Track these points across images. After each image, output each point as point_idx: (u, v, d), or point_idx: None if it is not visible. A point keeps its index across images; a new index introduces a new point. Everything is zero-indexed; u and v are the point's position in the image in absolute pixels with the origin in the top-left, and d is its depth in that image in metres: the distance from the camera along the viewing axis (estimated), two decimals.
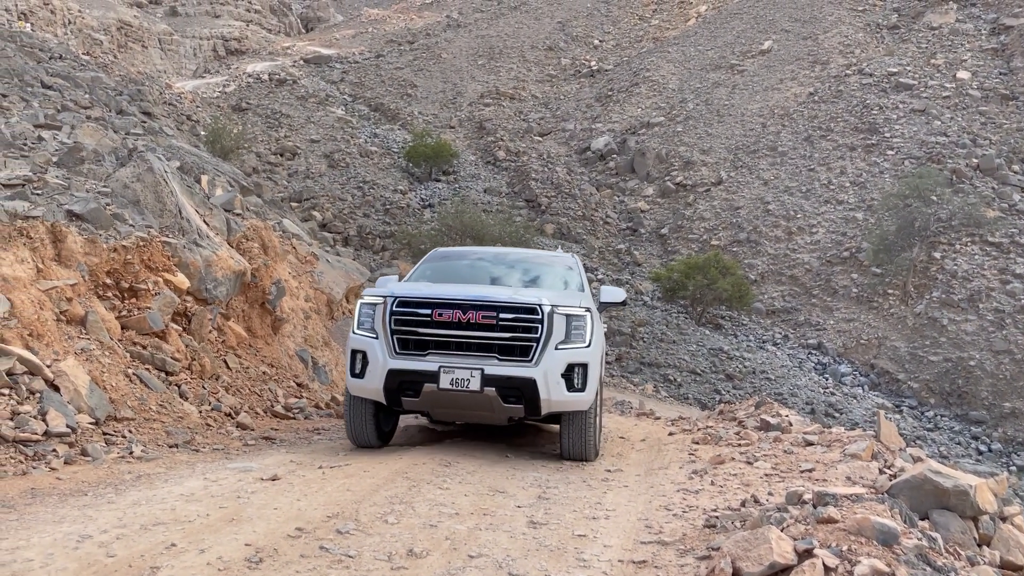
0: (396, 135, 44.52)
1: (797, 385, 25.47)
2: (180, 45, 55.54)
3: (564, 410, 6.78)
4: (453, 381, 6.48)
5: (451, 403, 6.74)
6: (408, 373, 6.60)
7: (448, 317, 6.56)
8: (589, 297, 7.79)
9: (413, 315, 6.70)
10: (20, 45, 27.89)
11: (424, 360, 6.62)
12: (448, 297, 6.71)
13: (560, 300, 6.86)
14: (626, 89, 46.48)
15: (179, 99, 39.17)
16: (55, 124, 17.39)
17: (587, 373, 6.68)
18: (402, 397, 6.71)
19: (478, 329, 6.56)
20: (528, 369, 6.51)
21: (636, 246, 35.42)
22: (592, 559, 4.35)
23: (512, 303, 6.63)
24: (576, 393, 6.65)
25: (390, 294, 6.84)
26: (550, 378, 6.51)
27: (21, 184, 10.89)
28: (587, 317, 6.79)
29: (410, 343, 6.71)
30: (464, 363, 6.52)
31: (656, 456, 7.82)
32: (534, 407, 6.62)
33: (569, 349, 6.65)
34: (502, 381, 6.50)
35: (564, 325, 6.65)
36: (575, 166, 41.05)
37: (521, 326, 6.58)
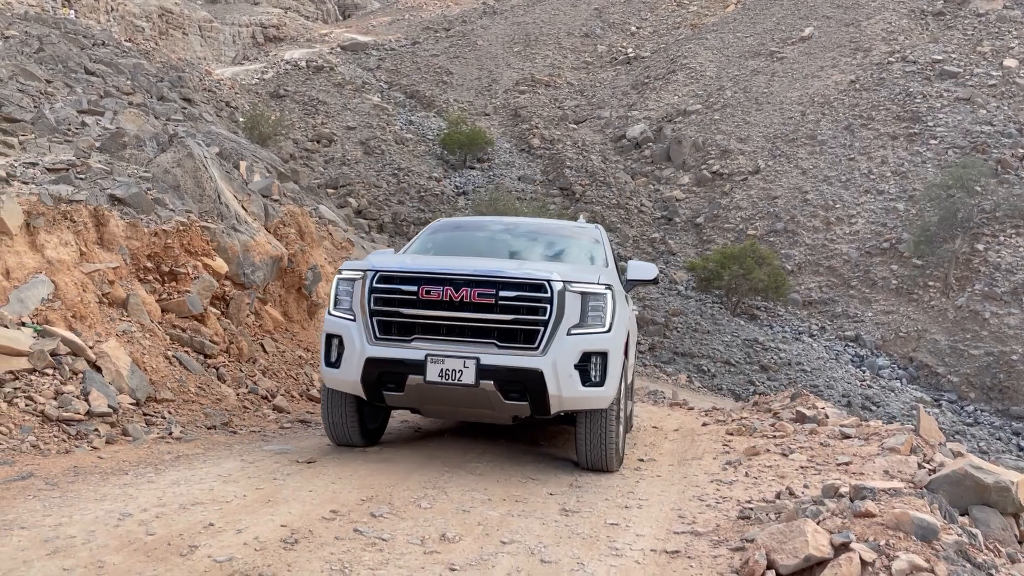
0: (431, 122, 44.58)
1: (833, 377, 25.14)
2: (220, 32, 56.09)
3: (579, 408, 5.72)
4: (443, 373, 5.42)
5: (441, 399, 5.69)
6: (389, 363, 5.56)
7: (437, 295, 5.51)
8: (614, 273, 6.76)
9: (396, 293, 5.65)
10: (64, 32, 28.38)
11: (409, 347, 5.56)
12: (437, 271, 5.63)
13: (574, 275, 5.74)
14: (663, 76, 46.02)
15: (218, 86, 39.59)
16: (98, 110, 17.68)
17: (607, 363, 5.63)
18: (383, 391, 5.68)
19: (473, 310, 5.50)
20: (534, 358, 5.45)
21: (671, 235, 35.14)
22: (624, 548, 4.35)
23: (514, 278, 5.56)
24: (593, 388, 5.57)
25: (370, 267, 5.79)
26: (560, 369, 5.44)
27: (65, 168, 11.11)
28: (607, 296, 5.69)
29: (393, 327, 5.65)
30: (456, 351, 5.48)
31: (689, 446, 7.78)
32: (541, 404, 5.53)
33: (585, 334, 5.57)
34: (502, 373, 5.43)
35: (579, 305, 5.59)
36: (610, 154, 40.79)
37: (525, 306, 5.51)
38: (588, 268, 6.42)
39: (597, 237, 7.60)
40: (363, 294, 5.72)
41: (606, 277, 5.89)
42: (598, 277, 5.78)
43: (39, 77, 19.10)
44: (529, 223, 7.99)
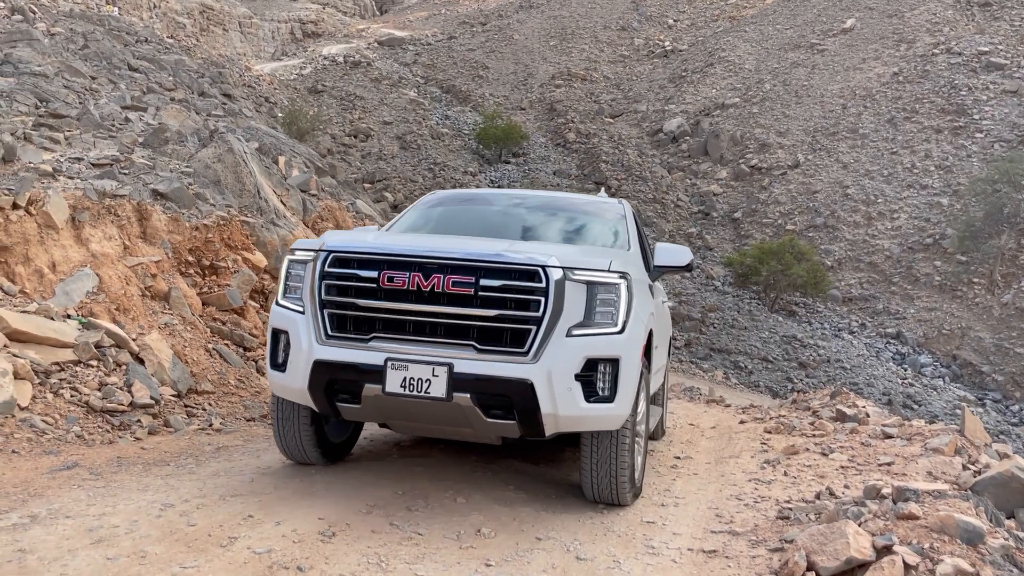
0: (467, 117, 44.65)
1: (874, 375, 24.73)
2: (259, 28, 56.71)
3: (581, 430, 4.53)
4: (406, 382, 4.27)
5: (407, 414, 4.57)
6: (341, 368, 4.41)
7: (402, 283, 4.34)
8: (637, 258, 5.67)
9: (352, 279, 4.48)
10: (108, 29, 28.90)
11: (366, 348, 4.41)
12: (402, 253, 4.45)
13: (579, 260, 4.52)
14: (701, 70, 45.55)
15: (258, 81, 40.05)
16: (141, 106, 17.98)
17: (618, 373, 4.41)
18: (336, 402, 4.54)
19: (448, 303, 4.33)
20: (522, 366, 4.25)
21: (708, 230, 34.82)
22: (661, 547, 4.32)
23: (500, 263, 4.35)
24: (599, 404, 4.38)
25: (323, 246, 4.65)
26: (557, 381, 4.24)
27: (109, 164, 11.32)
28: (620, 287, 4.49)
29: (348, 322, 4.50)
30: (424, 354, 4.32)
31: (727, 444, 7.70)
32: (532, 424, 4.33)
33: (590, 336, 4.37)
34: (482, 384, 4.24)
35: (583, 298, 4.40)
36: (646, 148, 40.50)
37: (513, 299, 4.31)
38: (600, 251, 5.16)
39: (621, 213, 6.35)
40: (313, 280, 4.55)
41: (621, 262, 4.67)
42: (609, 263, 4.53)
43: (84, 74, 19.48)
44: (541, 196, 6.77)
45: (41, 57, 19.01)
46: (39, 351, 6.50)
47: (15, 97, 14.32)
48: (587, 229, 6.14)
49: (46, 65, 18.39)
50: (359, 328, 4.50)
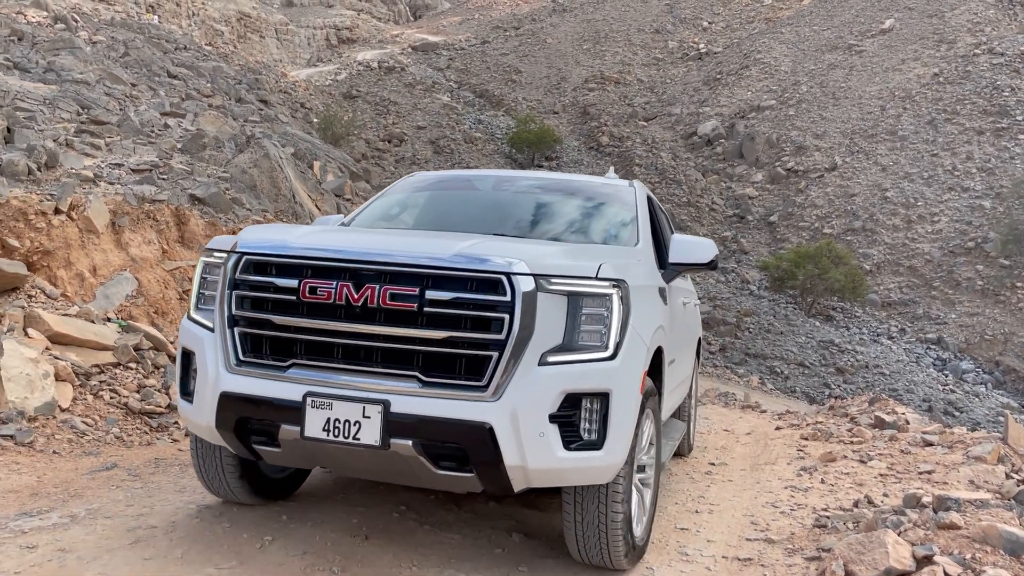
0: (500, 121, 44.75)
1: (914, 381, 24.29)
2: (295, 35, 57.42)
3: (560, 484, 3.55)
4: (330, 425, 3.35)
5: (338, 462, 3.65)
6: (252, 403, 3.50)
7: (327, 295, 3.42)
8: (647, 255, 4.60)
9: (268, 289, 3.55)
10: (148, 37, 29.45)
11: (282, 379, 3.48)
12: (330, 255, 3.50)
13: (557, 264, 3.48)
14: (736, 72, 45.18)
15: (293, 87, 40.53)
16: (180, 112, 18.29)
17: (608, 411, 3.43)
18: (252, 444, 3.61)
19: (385, 321, 3.38)
20: (480, 404, 3.29)
21: (743, 234, 34.49)
22: (695, 554, 4.27)
23: (451, 268, 3.38)
24: (583, 452, 3.40)
25: (235, 246, 3.71)
26: (525, 423, 3.28)
27: (149, 169, 11.52)
28: (612, 299, 3.48)
29: (264, 343, 3.58)
30: (354, 387, 3.39)
31: (762, 451, 7.60)
32: (494, 478, 3.38)
33: (570, 363, 3.39)
34: (426, 428, 3.30)
35: (563, 314, 3.42)
36: (681, 151, 40.26)
37: (469, 316, 3.34)
38: (590, 251, 4.04)
39: (631, 198, 5.22)
40: (221, 290, 3.65)
41: (617, 265, 3.66)
42: (598, 267, 3.50)
43: (125, 81, 19.86)
44: (537, 179, 5.75)
45: (83, 65, 19.44)
46: (80, 354, 6.63)
47: (58, 104, 14.65)
48: (588, 218, 5.12)
49: (88, 72, 18.79)
50: (276, 352, 3.54)
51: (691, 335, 6.26)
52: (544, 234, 4.83)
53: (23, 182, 9.66)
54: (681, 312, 5.38)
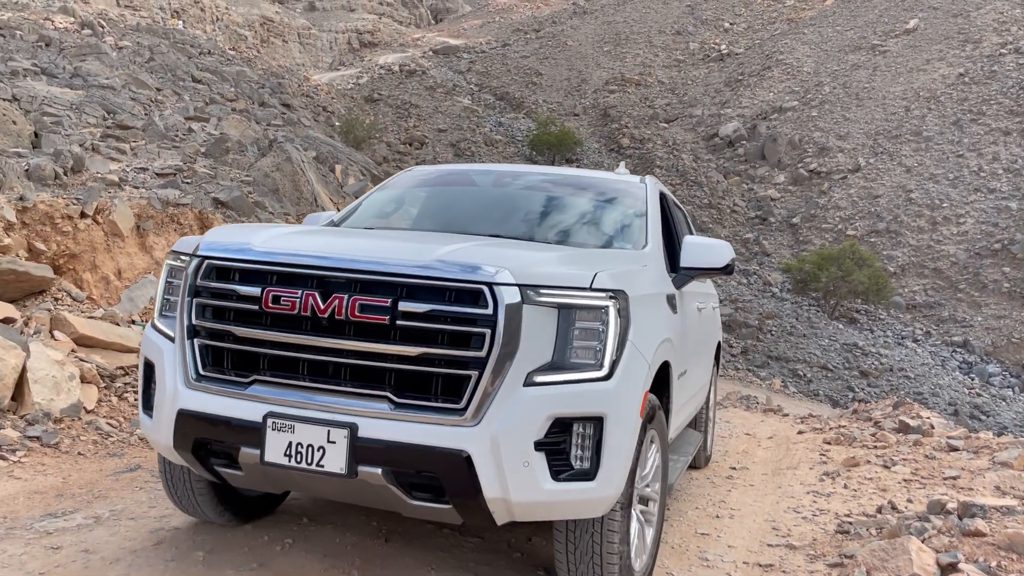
0: (520, 123, 44.79)
1: (939, 385, 24.00)
2: (317, 39, 57.81)
3: (549, 518, 3.24)
4: (292, 450, 3.07)
5: (305, 488, 3.39)
6: (210, 423, 3.21)
7: (291, 305, 3.11)
8: (656, 260, 4.29)
9: (230, 297, 3.26)
10: (173, 42, 29.77)
11: (243, 396, 3.19)
12: (295, 261, 3.19)
13: (546, 272, 3.14)
14: (758, 73, 44.92)
15: (316, 91, 40.80)
16: (204, 116, 18.47)
17: (603, 437, 3.09)
18: (213, 466, 3.34)
19: (354, 334, 3.07)
20: (456, 429, 2.98)
21: (765, 235, 34.26)
22: (715, 559, 4.25)
23: (426, 277, 3.05)
24: (574, 483, 3.06)
25: (196, 248, 3.42)
26: (507, 451, 2.96)
27: (173, 173, 11.64)
28: (608, 312, 3.14)
29: (225, 356, 3.31)
30: (319, 408, 3.09)
31: (784, 455, 7.54)
32: (473, 511, 3.08)
33: (559, 383, 3.05)
34: (396, 455, 3.00)
35: (552, 329, 3.08)
36: (702, 153, 40.08)
37: (446, 331, 3.01)
38: (586, 256, 3.75)
39: (641, 195, 4.85)
40: (182, 296, 3.38)
41: (616, 273, 3.28)
42: (593, 276, 3.14)
43: (150, 85, 20.09)
44: (540, 174, 5.38)
45: (109, 70, 19.68)
46: (105, 356, 6.71)
47: (84, 109, 14.85)
48: (593, 217, 4.75)
49: (114, 77, 19.02)
50: (239, 366, 3.26)
51: (707, 342, 5.90)
52: (543, 235, 4.47)
53: (50, 186, 9.79)
54: (695, 319, 4.98)
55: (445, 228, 4.43)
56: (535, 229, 4.56)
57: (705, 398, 6.18)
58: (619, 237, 4.51)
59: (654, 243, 4.40)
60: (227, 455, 3.25)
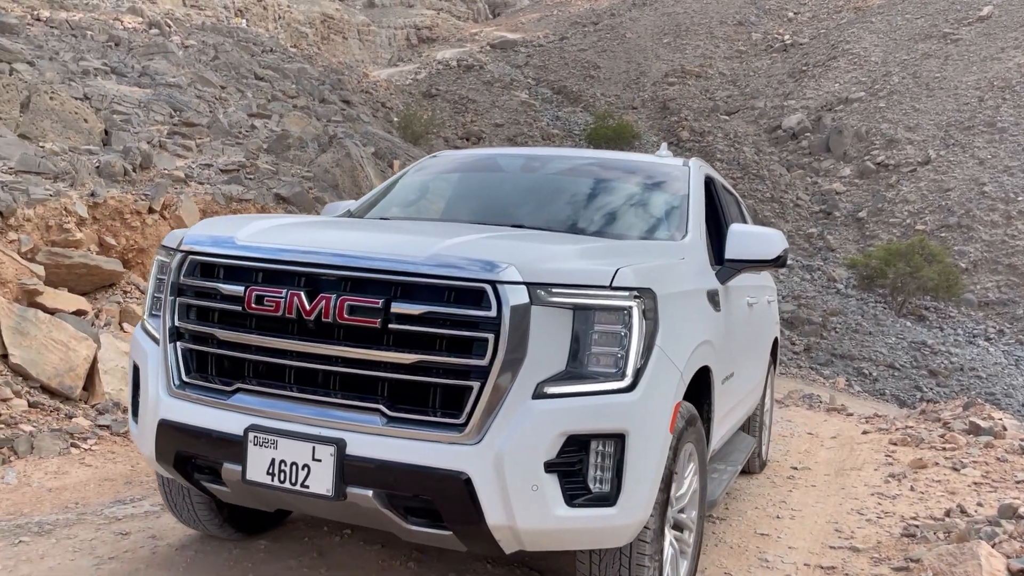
0: (578, 117, 44.58)
1: (1012, 385, 23.14)
2: (376, 35, 58.45)
3: (562, 548, 2.90)
4: (275, 468, 2.79)
5: (295, 507, 3.19)
6: (191, 435, 2.97)
7: (275, 305, 2.81)
8: (698, 251, 3.88)
9: (214, 296, 2.99)
10: (237, 40, 30.43)
11: (225, 406, 2.93)
12: (280, 256, 2.90)
13: (560, 267, 2.80)
14: (823, 63, 43.85)
15: (375, 87, 41.26)
16: (266, 113, 18.84)
17: (624, 456, 2.73)
18: (199, 480, 3.09)
19: (343, 338, 2.77)
20: (455, 448, 2.67)
21: (829, 230, 33.46)
22: (775, 560, 4.16)
23: (423, 275, 2.74)
24: (592, 509, 2.72)
25: (180, 243, 3.15)
26: (512, 473, 2.64)
27: (236, 169, 11.90)
28: (632, 313, 2.78)
29: (208, 361, 3.04)
30: (305, 421, 2.81)
31: (848, 456, 7.36)
32: (477, 538, 2.77)
33: (574, 395, 2.70)
34: (388, 476, 2.70)
35: (567, 333, 2.72)
36: (764, 146, 39.32)
37: (445, 335, 2.69)
38: (611, 248, 3.23)
39: (683, 180, 4.37)
40: (165, 294, 3.12)
41: (644, 270, 2.93)
42: (614, 272, 2.78)
43: (214, 83, 20.57)
44: (573, 157, 4.97)
45: (176, 68, 20.21)
46: None
47: (152, 107, 15.27)
48: (626, 205, 4.34)
49: (180, 76, 19.52)
50: (222, 372, 2.99)
51: (761, 339, 5.47)
52: (571, 225, 4.08)
53: (119, 183, 10.11)
54: (744, 315, 4.55)
55: (465, 218, 4.14)
56: (562, 218, 4.17)
57: (759, 399, 5.79)
58: (656, 226, 4.13)
59: (695, 233, 3.99)
60: (212, 470, 2.99)
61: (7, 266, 6.91)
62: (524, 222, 3.98)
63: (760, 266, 3.98)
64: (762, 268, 4.06)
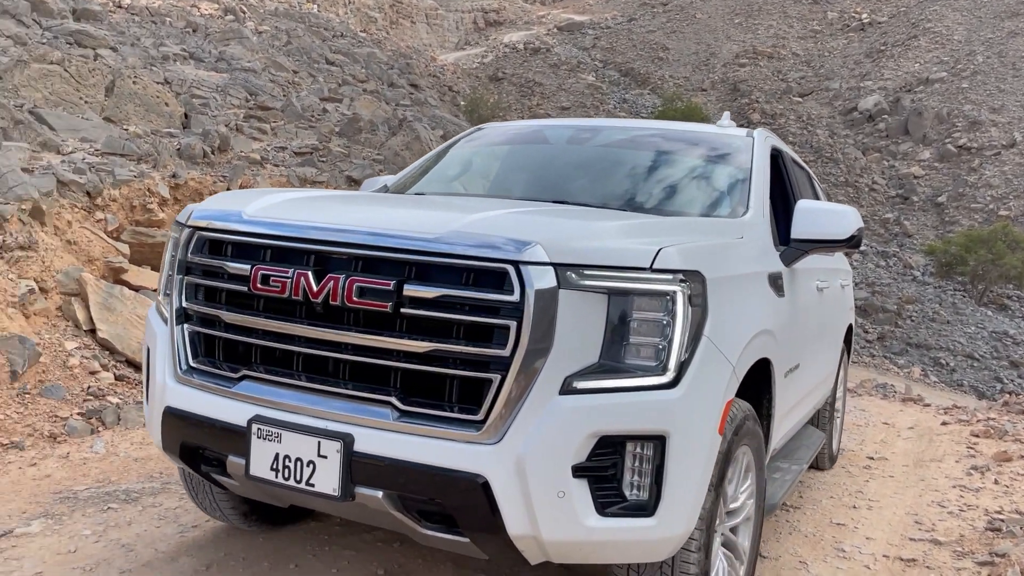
0: (645, 100, 44.03)
1: None
2: (444, 19, 58.64)
3: (593, 561, 2.60)
4: (279, 463, 2.57)
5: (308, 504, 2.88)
6: (196, 425, 2.76)
7: (281, 287, 2.58)
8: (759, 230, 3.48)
9: (218, 275, 2.78)
10: (309, 26, 30.91)
11: (231, 395, 2.70)
12: (289, 231, 2.66)
13: (594, 246, 2.45)
14: (902, 43, 42.31)
15: (442, 71, 41.47)
16: (337, 97, 19.11)
17: (665, 460, 2.43)
18: (209, 472, 2.88)
19: (352, 324, 2.52)
20: (471, 447, 2.38)
21: (906, 215, 32.39)
22: (852, 551, 4.07)
23: (439, 254, 2.44)
24: (627, 520, 2.42)
25: (188, 217, 2.92)
26: (536, 477, 2.34)
27: (309, 152, 12.14)
28: (676, 299, 2.45)
29: (216, 345, 2.82)
30: (312, 413, 2.56)
31: (927, 447, 7.14)
32: (498, 548, 2.51)
33: (607, 390, 2.40)
34: (400, 477, 2.44)
35: (600, 320, 2.40)
36: (838, 128, 38.21)
37: (461, 322, 2.40)
38: (655, 226, 2.88)
39: (744, 154, 3.96)
40: (173, 272, 2.92)
41: (688, 249, 2.58)
42: (655, 252, 2.45)
43: (287, 68, 20.94)
44: (619, 128, 4.63)
45: (250, 54, 20.64)
46: None
47: (228, 91, 15.63)
48: (682, 179, 3.98)
49: (254, 61, 19.93)
50: (230, 358, 2.77)
51: (833, 326, 5.00)
52: (618, 200, 3.73)
53: (199, 164, 10.40)
54: (814, 301, 4.15)
55: (502, 194, 3.90)
56: (608, 194, 3.82)
57: (830, 391, 5.34)
58: (713, 202, 3.76)
59: (757, 209, 3.59)
60: (216, 462, 2.78)
61: (95, 245, 7.19)
62: (567, 198, 3.68)
63: (831, 247, 3.55)
64: (833, 249, 3.62)
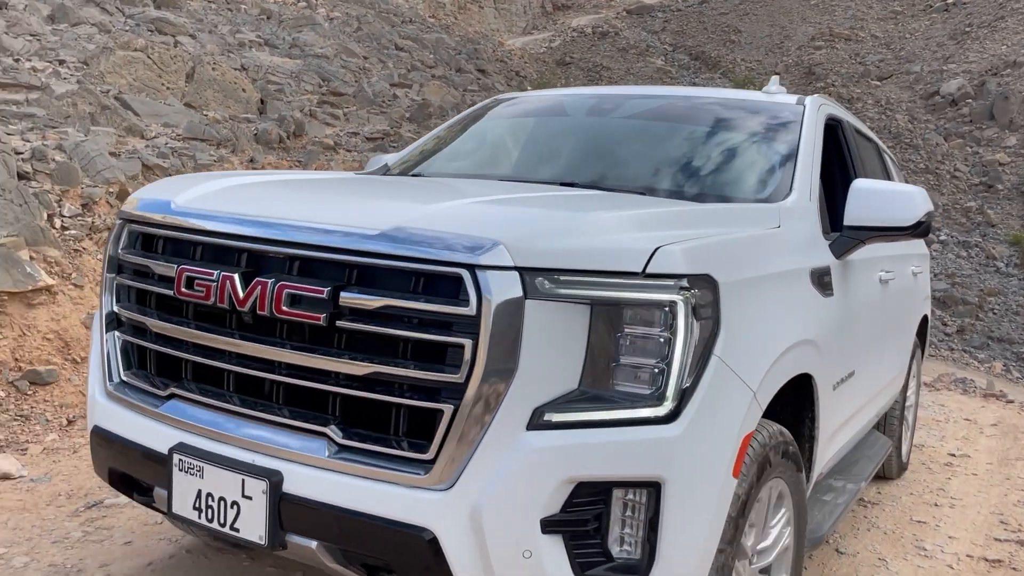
0: (716, 84, 43.22)
1: None
2: (512, 3, 58.48)
3: None
4: (201, 501, 2.14)
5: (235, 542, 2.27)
6: (120, 449, 2.38)
7: (206, 292, 2.14)
8: (806, 216, 2.95)
9: (143, 276, 2.40)
10: (378, 11, 31.21)
11: (156, 414, 2.31)
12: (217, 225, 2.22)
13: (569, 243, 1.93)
14: (989, 24, 40.53)
15: (509, 56, 41.38)
16: (406, 83, 19.29)
17: (661, 511, 1.91)
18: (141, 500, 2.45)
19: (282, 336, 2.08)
20: (418, 494, 1.89)
21: (990, 204, 31.12)
22: (934, 549, 3.96)
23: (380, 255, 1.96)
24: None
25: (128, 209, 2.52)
26: (495, 533, 1.85)
27: (381, 137, 12.29)
28: (676, 310, 1.91)
29: (147, 356, 2.45)
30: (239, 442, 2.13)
31: (1012, 444, 6.88)
32: None
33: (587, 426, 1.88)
34: (334, 526, 1.99)
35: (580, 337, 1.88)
36: (919, 113, 36.85)
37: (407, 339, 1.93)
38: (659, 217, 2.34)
39: (792, 126, 3.35)
40: (103, 271, 2.55)
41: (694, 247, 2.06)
42: (651, 252, 1.95)
43: (358, 54, 21.21)
44: (650, 97, 4.03)
45: (322, 40, 20.96)
46: None
47: (302, 77, 15.92)
48: (713, 156, 3.38)
49: (326, 47, 20.24)
50: (161, 371, 2.39)
51: (901, 322, 4.40)
52: (636, 182, 3.19)
53: (275, 149, 10.63)
54: (874, 295, 3.53)
55: (506, 176, 3.48)
56: (625, 174, 3.31)
57: (898, 393, 4.75)
58: (748, 184, 3.16)
59: (803, 191, 3.00)
60: (143, 489, 2.39)
61: None
62: (576, 179, 3.22)
63: (892, 235, 2.95)
64: (894, 237, 2.98)
